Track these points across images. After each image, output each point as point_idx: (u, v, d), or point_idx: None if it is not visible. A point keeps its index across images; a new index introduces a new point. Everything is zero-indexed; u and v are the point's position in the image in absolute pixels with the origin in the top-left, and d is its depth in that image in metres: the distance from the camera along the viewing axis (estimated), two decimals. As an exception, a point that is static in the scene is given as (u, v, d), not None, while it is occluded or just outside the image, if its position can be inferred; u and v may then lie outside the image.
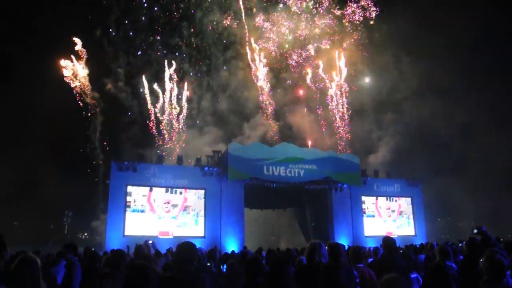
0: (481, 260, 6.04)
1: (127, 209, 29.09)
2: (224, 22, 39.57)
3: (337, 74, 41.13)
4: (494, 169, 40.89)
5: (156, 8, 39.13)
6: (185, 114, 38.60)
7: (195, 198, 30.87)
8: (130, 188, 29.43)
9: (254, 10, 40.11)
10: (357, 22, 41.82)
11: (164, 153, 31.47)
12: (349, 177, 33.48)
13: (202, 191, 31.04)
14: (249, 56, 40.00)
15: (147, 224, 29.21)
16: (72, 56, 34.79)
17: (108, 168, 30.08)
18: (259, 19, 40.33)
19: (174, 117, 37.98)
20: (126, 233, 28.40)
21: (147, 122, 37.64)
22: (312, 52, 41.97)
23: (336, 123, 40.48)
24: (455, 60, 39.91)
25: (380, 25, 41.13)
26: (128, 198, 29.28)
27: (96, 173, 35.83)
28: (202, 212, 30.68)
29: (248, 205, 32.63)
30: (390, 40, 39.77)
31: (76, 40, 35.02)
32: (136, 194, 29.56)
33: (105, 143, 35.59)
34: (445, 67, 39.01)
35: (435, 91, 39.76)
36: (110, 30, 37.58)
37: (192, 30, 39.89)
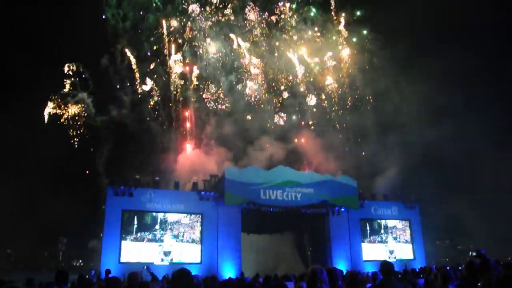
0: (479, 283, 5.99)
1: (123, 234, 28.78)
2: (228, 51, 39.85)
3: (335, 99, 41.73)
4: (495, 191, 40.84)
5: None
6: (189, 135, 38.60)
7: (192, 223, 30.61)
8: (125, 213, 29.19)
9: (255, 39, 40.66)
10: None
11: (158, 178, 31.04)
12: (346, 201, 33.34)
13: (199, 216, 30.82)
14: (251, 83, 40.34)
15: (143, 250, 28.85)
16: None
17: (105, 193, 29.84)
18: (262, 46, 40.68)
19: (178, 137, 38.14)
20: (122, 260, 28.01)
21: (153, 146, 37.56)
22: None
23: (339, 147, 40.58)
24: (455, 84, 40.44)
25: (379, 51, 41.76)
26: (124, 223, 29.00)
27: (96, 197, 35.48)
28: (198, 238, 30.37)
29: (245, 230, 32.33)
30: (389, 65, 40.34)
31: (81, 67, 35.57)
32: (132, 219, 29.27)
33: (103, 167, 35.27)
34: (445, 90, 39.45)
35: (434, 114, 40.07)
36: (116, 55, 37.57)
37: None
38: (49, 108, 35.08)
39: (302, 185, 31.90)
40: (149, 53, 38.80)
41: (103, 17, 36.75)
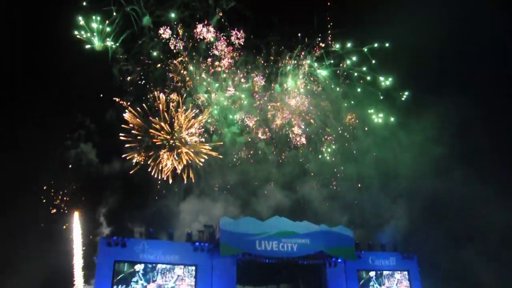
0: None
1: (115, 286, 27.98)
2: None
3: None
4: (495, 240, 40.34)
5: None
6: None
7: (186, 274, 29.89)
8: (118, 264, 28.55)
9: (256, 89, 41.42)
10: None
11: (152, 229, 30.73)
12: (343, 251, 32.96)
13: (193, 268, 30.14)
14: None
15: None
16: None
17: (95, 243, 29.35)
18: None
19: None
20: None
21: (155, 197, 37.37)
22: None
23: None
24: (449, 136, 40.85)
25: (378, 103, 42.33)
26: (116, 274, 28.29)
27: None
28: (192, 290, 29.60)
29: (240, 282, 31.57)
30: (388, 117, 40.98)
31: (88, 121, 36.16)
32: (124, 269, 28.61)
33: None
34: (445, 140, 39.79)
35: (435, 164, 40.19)
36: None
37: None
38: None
39: (298, 236, 31.70)
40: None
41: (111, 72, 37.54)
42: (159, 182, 37.50)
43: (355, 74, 41.98)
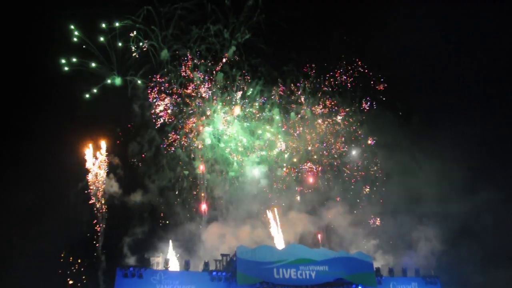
0: None
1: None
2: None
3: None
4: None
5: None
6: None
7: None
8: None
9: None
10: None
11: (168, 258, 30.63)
12: (363, 278, 32.05)
13: (211, 297, 29.76)
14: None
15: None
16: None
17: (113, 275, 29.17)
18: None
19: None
20: None
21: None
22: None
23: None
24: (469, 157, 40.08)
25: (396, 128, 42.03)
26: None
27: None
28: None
29: (258, 310, 30.93)
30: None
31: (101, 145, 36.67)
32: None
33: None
34: (459, 163, 39.10)
35: (458, 188, 39.35)
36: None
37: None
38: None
39: (316, 263, 31.01)
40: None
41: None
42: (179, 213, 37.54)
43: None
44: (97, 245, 35.90)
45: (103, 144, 37.42)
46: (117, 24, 37.00)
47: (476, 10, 43.77)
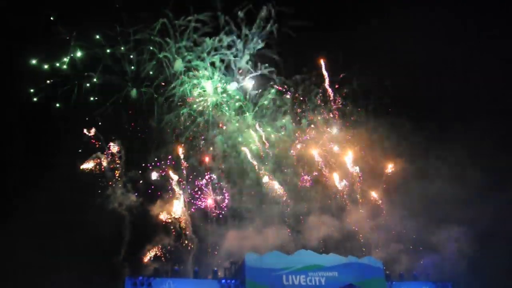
0: None
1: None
2: None
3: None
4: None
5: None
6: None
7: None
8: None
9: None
10: None
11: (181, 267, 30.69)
12: (373, 284, 31.80)
13: (220, 305, 29.68)
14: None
15: None
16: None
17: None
18: None
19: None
20: None
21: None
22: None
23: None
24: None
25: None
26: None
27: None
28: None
29: (268, 318, 30.75)
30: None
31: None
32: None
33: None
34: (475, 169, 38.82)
35: (466, 192, 39.03)
36: None
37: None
38: None
39: (326, 269, 30.92)
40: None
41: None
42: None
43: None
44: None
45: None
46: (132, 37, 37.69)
47: (486, 10, 43.53)
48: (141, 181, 37.53)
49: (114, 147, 37.83)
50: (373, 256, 34.19)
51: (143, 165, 38.30)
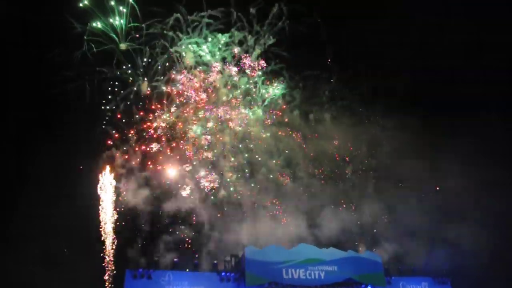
0: None
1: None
2: None
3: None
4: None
5: None
6: None
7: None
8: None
9: None
10: None
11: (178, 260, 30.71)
12: (372, 278, 31.93)
13: (220, 298, 29.79)
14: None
15: None
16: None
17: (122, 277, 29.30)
18: None
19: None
20: None
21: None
22: None
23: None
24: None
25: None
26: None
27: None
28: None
29: (267, 311, 30.87)
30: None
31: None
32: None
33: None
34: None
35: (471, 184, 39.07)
36: None
37: None
38: None
39: (325, 263, 31.01)
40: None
41: None
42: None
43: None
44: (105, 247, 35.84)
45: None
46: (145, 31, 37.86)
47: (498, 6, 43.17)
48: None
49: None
50: (375, 251, 34.31)
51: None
